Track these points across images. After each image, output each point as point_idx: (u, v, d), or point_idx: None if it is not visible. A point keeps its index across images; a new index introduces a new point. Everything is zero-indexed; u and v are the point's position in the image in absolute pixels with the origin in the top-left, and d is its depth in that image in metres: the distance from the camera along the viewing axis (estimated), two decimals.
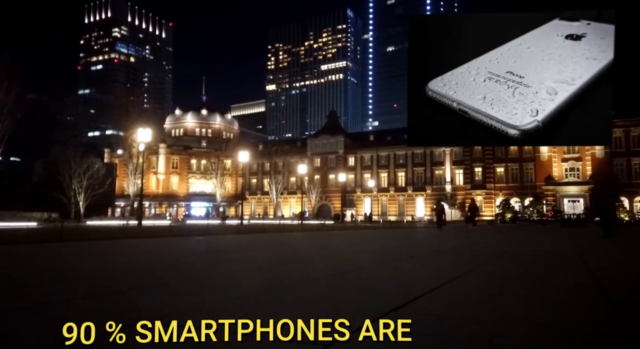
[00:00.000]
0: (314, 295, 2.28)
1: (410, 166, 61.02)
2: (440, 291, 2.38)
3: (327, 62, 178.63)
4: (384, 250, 6.35)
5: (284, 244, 7.73)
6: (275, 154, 68.37)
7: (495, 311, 1.91)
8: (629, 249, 7.17)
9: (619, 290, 2.60)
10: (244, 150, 34.17)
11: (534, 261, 4.88)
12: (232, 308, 1.92)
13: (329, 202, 65.85)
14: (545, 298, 2.30)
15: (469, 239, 9.89)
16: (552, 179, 51.01)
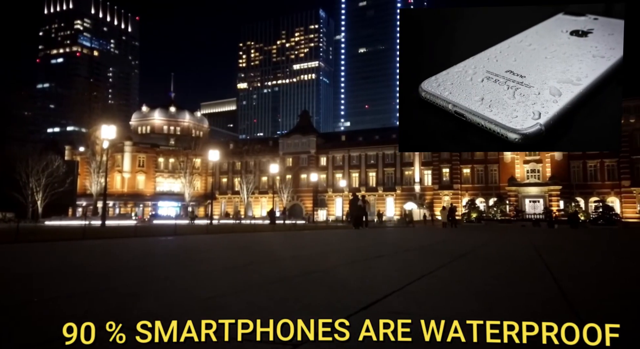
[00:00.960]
0: (284, 295, 2.25)
1: (381, 166, 61.79)
2: (409, 289, 2.41)
3: (300, 62, 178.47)
4: (355, 249, 6.37)
5: (254, 244, 7.54)
6: (247, 153, 67.40)
7: (461, 307, 1.96)
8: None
9: (581, 292, 2.78)
10: (214, 149, 33.30)
11: (497, 258, 5.04)
12: (200, 309, 1.88)
13: (300, 202, 65.61)
14: (504, 291, 2.38)
15: (436, 238, 10.04)
16: (515, 180, 53.04)
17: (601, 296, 2.41)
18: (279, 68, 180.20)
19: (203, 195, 69.10)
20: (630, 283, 3.08)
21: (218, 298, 2.16)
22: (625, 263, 4.61)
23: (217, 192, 69.49)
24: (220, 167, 70.63)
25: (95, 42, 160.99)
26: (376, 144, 62.67)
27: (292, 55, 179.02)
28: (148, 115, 77.36)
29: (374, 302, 1.97)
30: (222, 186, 71.86)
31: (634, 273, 3.76)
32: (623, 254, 5.39)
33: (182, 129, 76.53)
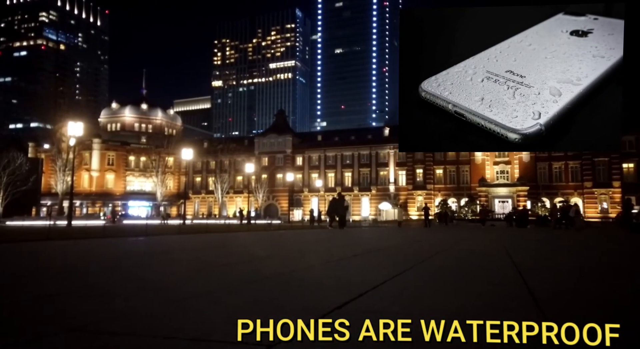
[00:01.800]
0: (258, 296, 2.24)
1: (357, 166, 62.29)
2: (383, 288, 2.45)
3: (276, 61, 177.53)
4: (330, 249, 6.38)
5: (228, 244, 7.42)
6: (221, 152, 66.36)
7: (432, 305, 2.01)
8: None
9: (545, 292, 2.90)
10: (188, 147, 32.58)
11: (469, 256, 5.19)
12: (171, 311, 1.85)
13: (276, 201, 65.22)
14: (475, 289, 2.46)
15: (409, 237, 10.23)
16: (485, 181, 54.65)
17: (563, 293, 2.53)
18: (255, 66, 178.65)
19: (176, 194, 67.53)
20: (587, 278, 3.23)
21: (190, 300, 2.10)
22: (583, 260, 4.85)
23: (191, 192, 68.08)
24: (193, 166, 69.23)
25: (62, 36, 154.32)
26: (352, 144, 63.10)
27: (268, 54, 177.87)
28: (118, 112, 74.81)
29: (347, 302, 1.99)
30: (196, 186, 70.46)
31: (591, 269, 3.98)
32: (582, 252, 5.72)
33: (154, 126, 74.46)
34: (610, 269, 3.95)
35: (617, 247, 7.32)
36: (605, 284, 2.91)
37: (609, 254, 5.89)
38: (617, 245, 7.96)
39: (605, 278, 3.29)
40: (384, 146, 61.65)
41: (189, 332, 1.51)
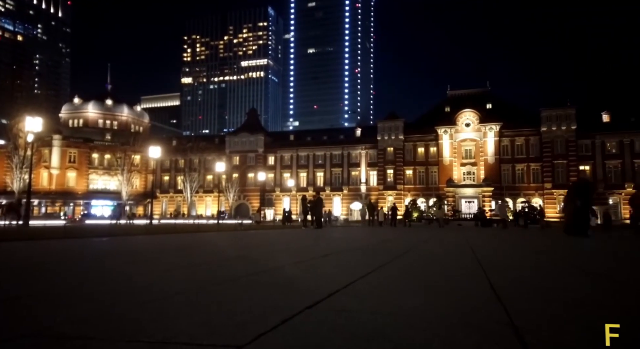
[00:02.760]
0: (228, 296, 2.21)
1: (329, 166, 62.57)
2: (354, 287, 2.48)
3: (248, 59, 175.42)
4: (301, 249, 6.36)
5: (198, 244, 7.28)
6: (191, 151, 64.90)
7: (402, 303, 2.04)
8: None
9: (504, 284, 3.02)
10: (156, 145, 31.64)
11: (437, 255, 5.33)
12: (135, 313, 1.80)
13: (247, 201, 64.50)
14: (442, 287, 2.54)
15: (379, 236, 10.40)
16: (453, 182, 56.21)
17: (522, 289, 2.66)
18: (226, 64, 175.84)
19: (142, 194, 65.45)
20: (548, 276, 3.39)
21: (156, 301, 2.05)
22: (541, 257, 5.11)
23: (158, 191, 66.20)
24: (162, 165, 67.36)
25: (19, 26, 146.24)
26: (324, 144, 63.33)
27: (239, 52, 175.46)
28: (81, 107, 71.66)
29: (318, 301, 1.99)
30: (164, 184, 68.61)
31: (550, 266, 4.17)
32: (542, 250, 6.03)
33: (120, 123, 71.80)
34: (565, 265, 4.17)
35: (565, 244, 7.73)
36: (557, 279, 3.06)
37: (558, 252, 6.20)
38: (571, 242, 8.40)
39: (560, 274, 3.46)
40: (355, 146, 62.23)
41: (154, 334, 1.47)
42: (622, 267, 4.23)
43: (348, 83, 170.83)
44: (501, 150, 54.66)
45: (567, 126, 51.20)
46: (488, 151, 54.75)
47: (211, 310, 1.86)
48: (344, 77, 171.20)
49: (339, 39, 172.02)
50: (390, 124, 59.11)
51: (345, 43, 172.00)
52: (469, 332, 1.51)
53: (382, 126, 59.67)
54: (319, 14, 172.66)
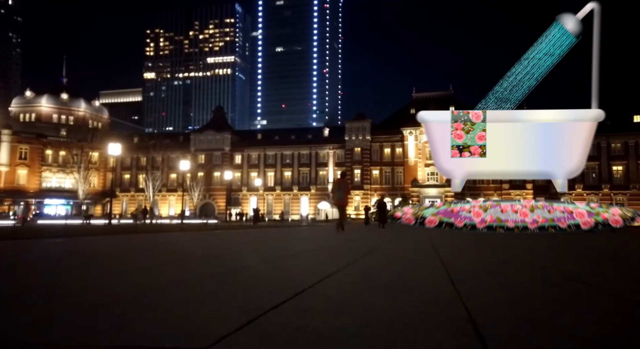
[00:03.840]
0: (192, 297, 2.16)
1: (297, 166, 62.49)
2: (320, 287, 2.49)
3: (214, 55, 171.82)
4: (268, 248, 6.32)
5: (160, 245, 7.07)
6: (154, 149, 62.78)
7: (366, 301, 2.07)
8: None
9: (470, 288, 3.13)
10: (116, 142, 30.39)
11: (402, 254, 5.45)
12: (91, 317, 1.72)
13: (212, 200, 63.26)
14: (406, 285, 2.59)
15: (346, 236, 10.53)
16: (417, 182, 57.65)
17: (481, 284, 2.77)
18: (192, 60, 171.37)
19: (101, 192, 62.67)
20: (503, 272, 3.55)
21: (113, 304, 1.97)
22: (499, 255, 5.37)
23: (118, 190, 63.62)
24: (122, 163, 64.77)
25: None
26: (292, 143, 63.18)
27: (205, 48, 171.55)
28: (33, 101, 67.56)
29: (284, 301, 1.99)
30: (124, 183, 66.02)
31: (504, 263, 4.39)
32: (499, 247, 6.33)
33: (77, 118, 68.30)
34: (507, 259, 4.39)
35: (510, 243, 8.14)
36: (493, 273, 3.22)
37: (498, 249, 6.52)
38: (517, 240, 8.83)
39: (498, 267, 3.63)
40: (323, 146, 62.51)
41: (113, 339, 1.41)
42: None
43: (316, 83, 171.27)
44: None
45: None
46: None
47: (173, 312, 1.82)
48: (312, 77, 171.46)
49: (307, 39, 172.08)
50: (358, 125, 59.84)
51: (313, 43, 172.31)
52: (431, 329, 1.55)
53: (349, 127, 60.29)
54: (287, 12, 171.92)
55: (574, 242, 7.67)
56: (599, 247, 6.91)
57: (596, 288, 2.63)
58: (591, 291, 2.52)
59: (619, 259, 5.08)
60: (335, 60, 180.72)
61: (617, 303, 2.18)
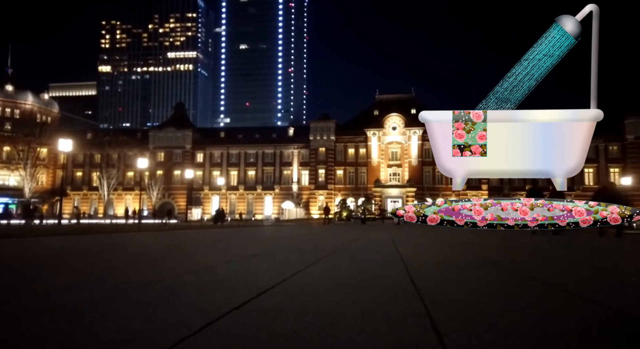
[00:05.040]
0: (149, 300, 2.10)
1: (261, 165, 61.85)
2: (282, 286, 2.49)
3: (175, 50, 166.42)
4: (231, 248, 6.25)
5: (115, 246, 6.77)
6: (109, 145, 59.91)
7: (327, 300, 2.09)
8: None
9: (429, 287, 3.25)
10: (67, 137, 28.71)
11: (364, 253, 5.58)
12: (42, 322, 1.63)
13: (172, 200, 61.31)
14: (366, 283, 2.63)
15: (310, 235, 10.60)
16: (380, 182, 58.79)
17: (438, 281, 2.87)
18: (151, 54, 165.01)
19: (50, 191, 59.00)
20: (460, 269, 3.73)
21: (66, 309, 1.88)
22: (454, 250, 5.61)
23: (69, 188, 60.19)
24: (74, 160, 61.32)
25: None
26: (256, 142, 62.44)
27: (166, 42, 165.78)
28: None
29: (247, 301, 1.98)
30: (76, 181, 62.55)
31: (462, 260, 4.61)
32: (455, 244, 6.61)
33: (23, 112, 63.84)
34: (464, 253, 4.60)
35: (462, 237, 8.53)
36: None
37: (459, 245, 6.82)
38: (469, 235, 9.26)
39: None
40: (288, 145, 62.28)
41: (63, 344, 1.33)
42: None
43: (281, 82, 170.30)
44: (424, 153, 58.42)
45: None
46: (412, 153, 58.20)
47: (129, 315, 1.75)
48: (277, 76, 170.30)
49: (272, 37, 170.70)
50: (323, 125, 60.13)
51: (278, 41, 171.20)
52: (391, 326, 1.59)
53: (314, 126, 60.46)
54: (252, 9, 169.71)
55: (527, 243, 8.11)
56: (546, 247, 7.36)
57: (547, 285, 2.79)
58: (540, 286, 2.68)
59: (565, 258, 5.44)
60: (300, 60, 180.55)
61: (564, 298, 2.33)
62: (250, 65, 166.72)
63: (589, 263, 4.60)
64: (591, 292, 2.40)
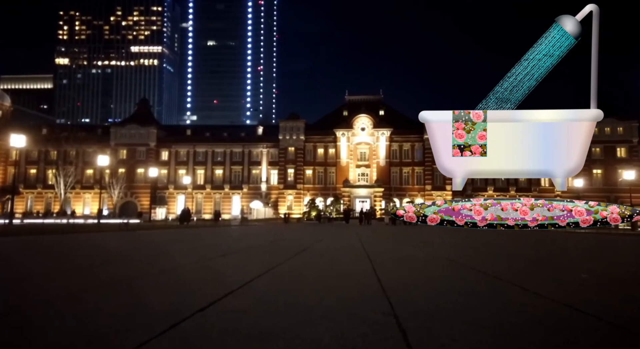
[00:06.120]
0: (108, 303, 2.04)
1: (229, 164, 60.91)
2: (249, 287, 2.48)
3: (139, 44, 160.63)
4: (198, 249, 6.13)
5: (74, 247, 6.43)
6: (67, 141, 56.98)
7: (294, 301, 2.09)
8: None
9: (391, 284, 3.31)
10: (19, 132, 26.97)
11: (330, 252, 5.63)
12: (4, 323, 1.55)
13: (135, 199, 59.19)
14: (332, 283, 2.65)
15: (279, 235, 10.57)
16: (348, 182, 59.37)
17: (403, 281, 2.93)
18: (113, 47, 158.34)
19: (0, 189, 55.30)
20: (424, 268, 3.85)
21: (17, 314, 1.76)
22: (420, 253, 5.77)
23: (22, 186, 56.72)
24: (27, 156, 57.89)
25: None
26: (224, 141, 61.38)
27: (129, 36, 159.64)
28: None
29: (212, 302, 1.96)
30: (30, 179, 59.09)
31: (425, 260, 4.76)
32: (416, 244, 6.77)
33: None
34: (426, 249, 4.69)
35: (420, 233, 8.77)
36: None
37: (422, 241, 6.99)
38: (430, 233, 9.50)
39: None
40: (257, 144, 61.67)
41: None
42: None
43: (250, 80, 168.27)
44: (391, 154, 59.55)
45: None
46: (380, 154, 59.17)
47: (86, 319, 1.66)
48: (246, 74, 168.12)
49: (241, 34, 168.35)
50: (292, 124, 59.96)
51: (247, 39, 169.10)
52: (356, 324, 1.60)
53: (284, 126, 60.19)
54: (220, 6, 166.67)
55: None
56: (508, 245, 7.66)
57: (503, 281, 2.89)
58: (501, 284, 2.77)
59: (523, 256, 5.67)
60: (270, 59, 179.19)
61: (519, 293, 2.42)
62: (219, 62, 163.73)
63: (546, 261, 4.82)
64: (543, 287, 2.52)
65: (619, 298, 2.29)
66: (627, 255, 5.98)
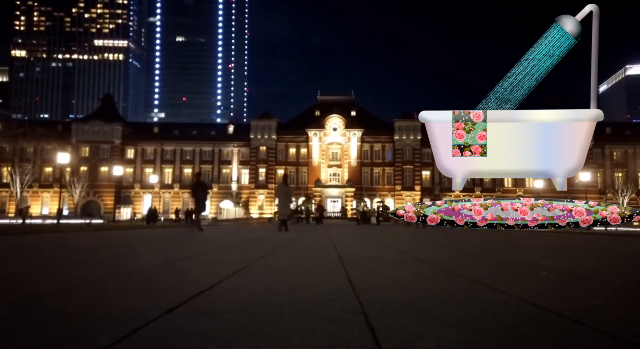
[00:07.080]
0: (65, 307, 1.94)
1: (198, 163, 59.82)
2: (217, 288, 2.44)
3: (103, 38, 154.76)
4: (166, 249, 5.99)
5: (30, 248, 6.10)
6: (24, 138, 54.23)
7: (262, 301, 2.08)
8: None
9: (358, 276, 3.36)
10: None
11: (303, 252, 5.65)
12: None
13: (98, 198, 57.08)
14: (305, 282, 2.66)
15: (250, 235, 10.52)
16: (320, 182, 59.63)
17: (374, 280, 2.98)
18: (74, 40, 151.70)
19: None
20: (396, 267, 3.92)
21: None
22: (392, 252, 5.90)
23: None
24: None
25: None
26: (194, 139, 60.14)
27: (92, 29, 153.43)
28: None
29: (180, 304, 1.91)
30: None
31: (396, 259, 4.83)
32: (390, 243, 6.95)
33: None
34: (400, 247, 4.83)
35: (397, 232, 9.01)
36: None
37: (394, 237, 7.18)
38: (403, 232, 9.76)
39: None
40: (227, 143, 60.83)
41: None
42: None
43: (221, 77, 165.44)
44: (362, 154, 60.22)
45: (414, 135, 59.31)
46: (351, 154, 59.69)
47: (42, 324, 1.58)
48: (216, 71, 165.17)
49: (211, 31, 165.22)
50: (264, 123, 59.49)
51: (218, 36, 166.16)
52: (326, 323, 1.61)
53: (255, 125, 59.61)
54: (189, 1, 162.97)
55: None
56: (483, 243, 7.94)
57: (469, 279, 3.00)
58: (466, 282, 2.87)
59: (493, 256, 5.91)
60: (241, 57, 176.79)
61: (485, 292, 2.52)
62: (188, 58, 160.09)
63: (512, 259, 5.04)
64: (508, 285, 2.64)
65: (576, 293, 2.42)
66: (588, 253, 6.34)
